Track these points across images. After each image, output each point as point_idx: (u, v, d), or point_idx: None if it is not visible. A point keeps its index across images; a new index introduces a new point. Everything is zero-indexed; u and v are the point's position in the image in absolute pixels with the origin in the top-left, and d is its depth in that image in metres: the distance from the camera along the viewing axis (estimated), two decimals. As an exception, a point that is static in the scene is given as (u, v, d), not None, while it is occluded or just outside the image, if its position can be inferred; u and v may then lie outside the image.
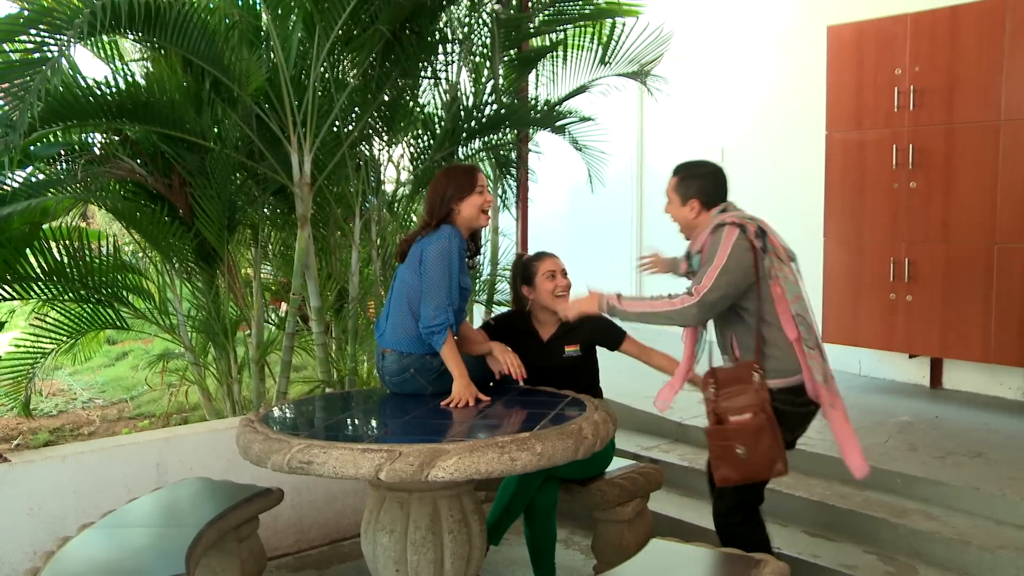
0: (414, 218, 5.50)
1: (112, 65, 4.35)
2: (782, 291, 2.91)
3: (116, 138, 4.49)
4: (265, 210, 4.93)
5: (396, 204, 5.24)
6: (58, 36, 3.24)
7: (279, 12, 4.30)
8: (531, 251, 5.43)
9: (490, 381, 3.37)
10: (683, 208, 3.10)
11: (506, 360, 3.25)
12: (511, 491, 3.36)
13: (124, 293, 4.46)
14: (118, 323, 4.52)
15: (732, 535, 3.05)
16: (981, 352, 5.18)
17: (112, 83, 4.06)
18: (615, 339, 3.56)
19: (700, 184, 3.08)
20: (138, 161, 4.49)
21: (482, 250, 3.66)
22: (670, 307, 2.89)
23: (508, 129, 5.28)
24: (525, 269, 3.57)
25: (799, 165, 6.58)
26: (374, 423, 3.11)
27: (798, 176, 6.60)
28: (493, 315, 4.28)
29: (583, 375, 3.55)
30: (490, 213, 3.34)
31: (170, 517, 3.02)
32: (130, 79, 4.23)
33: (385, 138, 5.03)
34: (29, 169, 4.21)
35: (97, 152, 4.49)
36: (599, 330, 3.53)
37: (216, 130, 4.45)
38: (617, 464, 3.71)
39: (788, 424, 2.96)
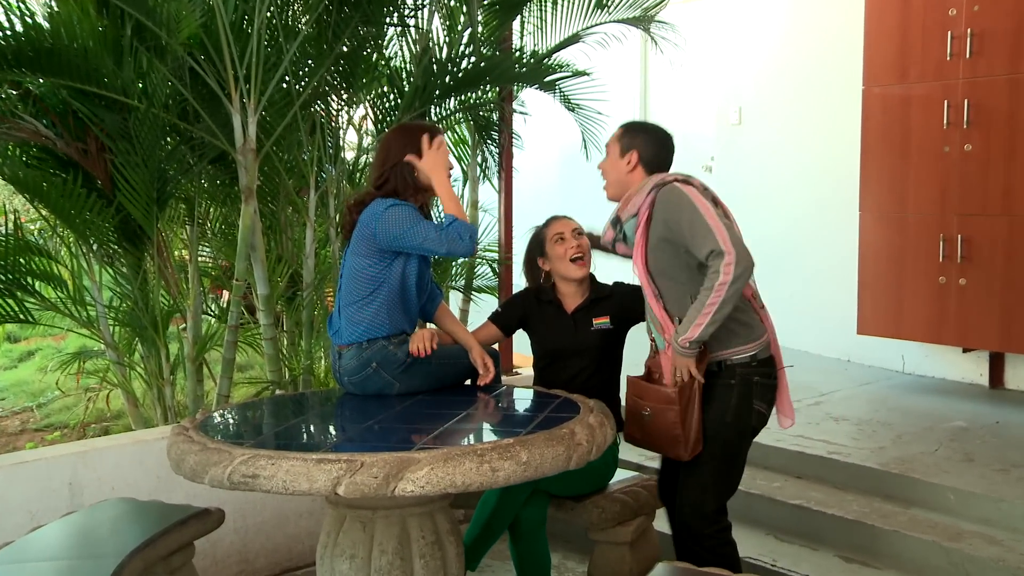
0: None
1: (5, 2, 4.26)
2: None
3: (14, 92, 4.42)
4: (202, 181, 4.90)
5: (358, 174, 5.20)
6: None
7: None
8: (515, 228, 5.48)
9: (466, 379, 3.38)
10: (619, 160, 3.21)
11: (482, 360, 3.29)
12: (491, 506, 3.37)
13: (29, 280, 4.41)
14: (21, 316, 4.46)
15: (701, 543, 3.09)
16: (1051, 345, 5.20)
17: (5, 24, 3.98)
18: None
19: (646, 139, 3.22)
20: (44, 122, 4.42)
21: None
22: (723, 287, 2.91)
23: (489, 86, 5.27)
24: (537, 240, 3.64)
25: (830, 126, 6.58)
26: (332, 429, 3.11)
27: (829, 140, 6.59)
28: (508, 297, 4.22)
29: (614, 352, 3.57)
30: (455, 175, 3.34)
31: (85, 547, 2.98)
32: (29, 20, 4.12)
33: (344, 97, 5.00)
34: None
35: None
36: (628, 296, 3.53)
37: (141, 85, 4.40)
38: (618, 476, 3.70)
39: (760, 397, 3.11)
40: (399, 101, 5.00)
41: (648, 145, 3.20)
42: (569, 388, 3.37)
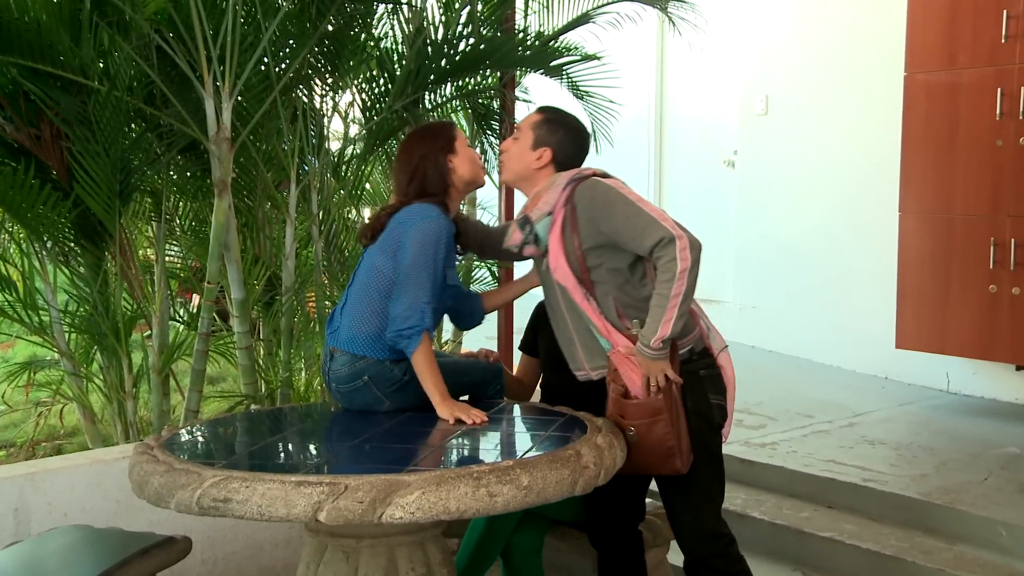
0: (368, 186, 5.45)
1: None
2: None
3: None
4: (171, 172, 4.90)
5: (344, 167, 5.20)
6: None
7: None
8: None
9: (464, 396, 3.38)
10: (529, 152, 3.25)
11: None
12: (480, 530, 3.39)
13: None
14: (-36, 321, 4.50)
15: (712, 568, 3.13)
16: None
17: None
18: None
19: (564, 138, 3.26)
20: (-10, 104, 4.44)
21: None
22: (684, 273, 2.96)
23: (489, 70, 5.27)
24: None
25: (867, 117, 6.57)
26: (313, 448, 3.11)
27: (866, 132, 6.58)
28: None
29: None
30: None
31: (34, 580, 2.96)
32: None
33: (329, 81, 5.00)
34: None
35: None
36: None
37: (102, 65, 4.38)
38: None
39: (713, 390, 3.20)
40: (389, 86, 4.99)
41: (565, 146, 3.25)
42: (579, 394, 3.37)
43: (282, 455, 2.97)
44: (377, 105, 5.02)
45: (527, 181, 3.27)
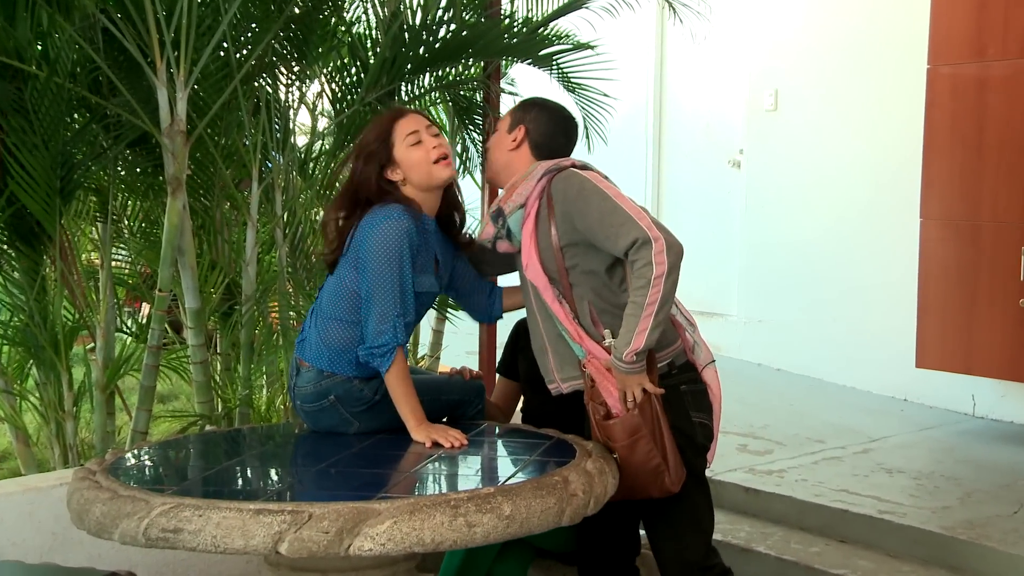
0: (338, 185, 5.42)
1: None
2: None
3: None
4: (119, 168, 4.89)
5: (311, 163, 5.22)
6: None
7: None
8: None
9: (442, 417, 3.38)
10: (507, 135, 3.32)
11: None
12: (456, 563, 3.42)
13: None
14: None
15: None
16: None
17: None
18: None
19: (539, 116, 3.31)
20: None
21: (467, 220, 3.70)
22: (660, 279, 2.95)
23: (471, 59, 5.28)
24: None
25: (886, 114, 6.58)
26: (274, 473, 3.11)
27: (884, 130, 6.60)
28: None
29: None
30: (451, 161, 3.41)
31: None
32: None
33: (295, 69, 5.01)
34: None
35: None
36: None
37: (40, 48, 4.40)
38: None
39: (695, 407, 3.22)
40: (362, 76, 4.99)
41: (540, 124, 3.30)
42: (564, 419, 3.36)
43: (240, 481, 2.97)
44: (348, 97, 5.03)
45: (507, 170, 3.30)
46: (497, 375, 3.90)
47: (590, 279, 3.13)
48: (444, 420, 3.35)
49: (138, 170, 4.90)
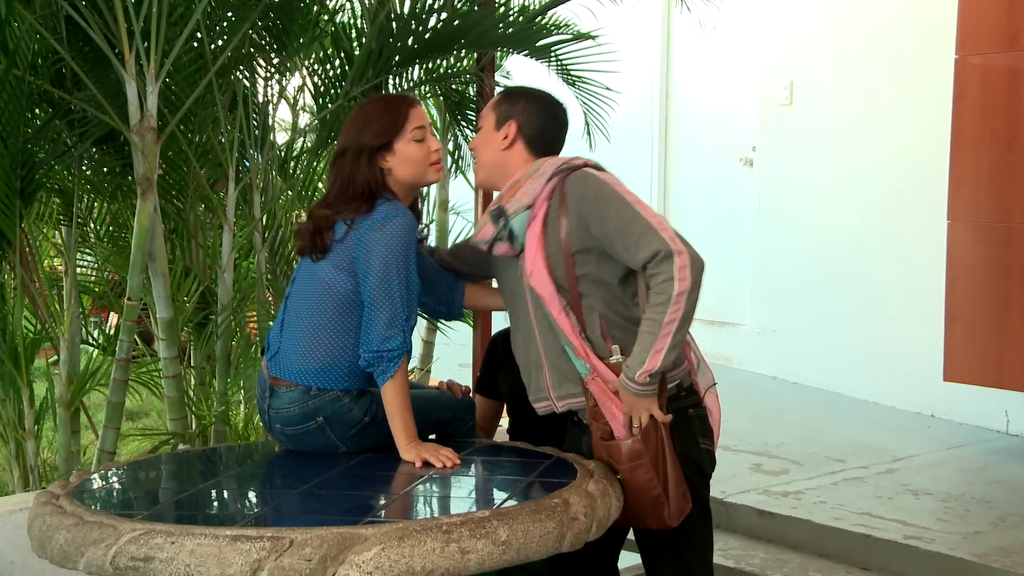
0: (320, 186, 5.43)
1: None
2: None
3: None
4: (84, 168, 4.90)
5: (293, 163, 5.23)
6: None
7: None
8: None
9: (432, 435, 3.38)
10: (494, 134, 3.27)
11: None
12: None
13: None
14: None
15: None
16: None
17: None
18: None
19: (528, 107, 3.27)
20: None
21: (424, 222, 3.73)
22: (682, 296, 2.93)
23: (464, 51, 5.30)
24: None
25: (911, 108, 6.59)
26: (253, 496, 3.10)
27: (908, 125, 6.60)
28: None
29: None
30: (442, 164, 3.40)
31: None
32: None
33: (275, 62, 5.01)
34: None
35: None
36: None
37: None
38: (630, 561, 3.66)
39: (701, 432, 3.22)
40: (346, 69, 5.00)
41: (531, 116, 3.25)
42: (553, 438, 3.37)
43: (216, 504, 2.96)
44: (332, 91, 5.03)
45: (500, 170, 3.26)
46: (477, 395, 3.86)
47: (601, 289, 3.11)
48: (433, 438, 3.34)
49: (105, 170, 4.91)
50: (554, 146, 3.28)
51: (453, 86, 5.48)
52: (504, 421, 3.94)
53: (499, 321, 4.09)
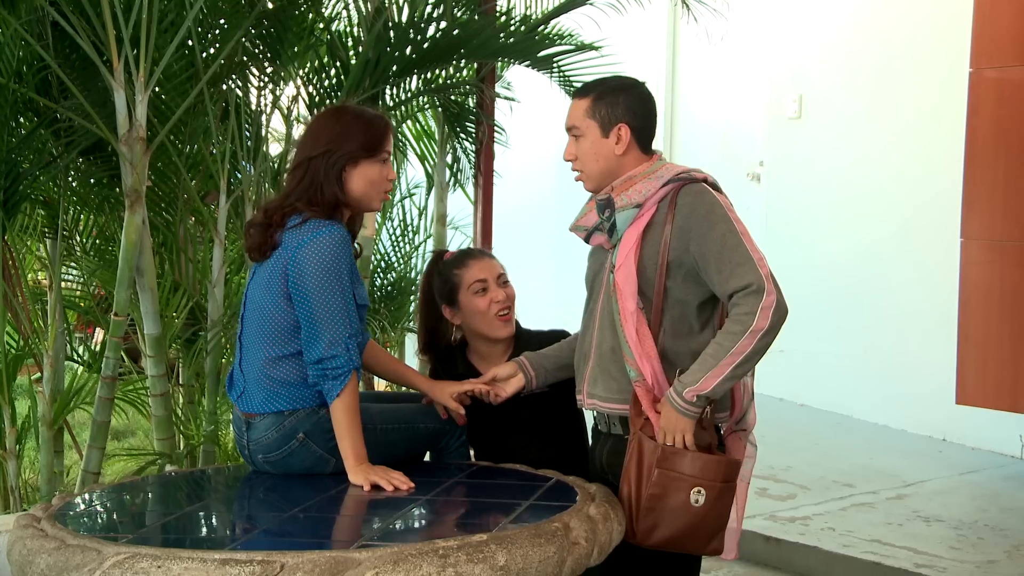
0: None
1: None
2: None
3: None
4: (71, 179, 4.91)
5: (286, 175, 5.13)
6: None
7: None
8: (496, 251, 5.48)
9: (422, 450, 3.39)
10: (605, 140, 3.16)
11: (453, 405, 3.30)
12: None
13: None
14: None
15: None
16: None
17: None
18: None
19: (627, 98, 3.17)
20: None
21: (361, 245, 3.70)
22: (756, 334, 2.96)
23: (464, 61, 5.31)
24: (446, 284, 3.57)
25: (923, 123, 6.59)
26: (242, 518, 3.11)
27: (921, 140, 6.60)
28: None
29: (559, 424, 3.56)
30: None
31: None
32: None
33: (269, 71, 5.03)
34: None
35: None
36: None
37: None
38: None
39: None
40: (342, 78, 5.02)
41: (636, 109, 3.17)
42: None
43: (204, 528, 2.96)
44: (327, 101, 5.04)
45: (618, 172, 3.17)
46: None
47: (675, 308, 3.11)
48: (427, 457, 3.34)
49: (92, 181, 4.92)
50: (652, 135, 3.24)
51: (452, 97, 5.49)
52: None
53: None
